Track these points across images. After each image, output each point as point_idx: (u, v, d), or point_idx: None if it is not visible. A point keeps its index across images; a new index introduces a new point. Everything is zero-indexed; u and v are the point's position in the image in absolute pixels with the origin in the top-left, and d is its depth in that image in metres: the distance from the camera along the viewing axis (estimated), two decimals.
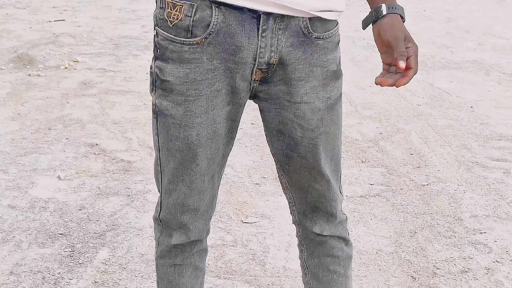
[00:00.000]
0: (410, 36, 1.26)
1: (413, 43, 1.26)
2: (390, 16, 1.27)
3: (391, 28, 1.25)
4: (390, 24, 1.26)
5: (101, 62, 4.86)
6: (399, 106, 3.97)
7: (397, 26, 1.26)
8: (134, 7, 7.40)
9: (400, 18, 1.27)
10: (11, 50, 5.07)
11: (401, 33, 1.25)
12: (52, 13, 6.75)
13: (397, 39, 1.24)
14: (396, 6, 1.27)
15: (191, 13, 1.19)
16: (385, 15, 1.27)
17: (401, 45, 1.23)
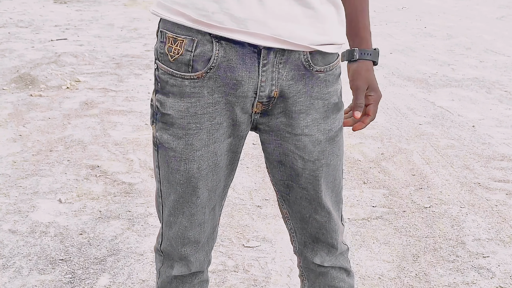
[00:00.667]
0: (374, 84, 1.37)
1: (376, 91, 1.37)
2: (360, 62, 1.37)
3: (357, 77, 1.36)
4: (357, 72, 1.36)
5: (102, 81, 4.87)
6: (401, 125, 3.97)
7: (363, 75, 1.35)
8: (136, 25, 7.43)
9: (371, 64, 1.38)
10: (13, 70, 5.08)
11: (365, 83, 1.35)
12: (54, 32, 6.77)
13: (359, 90, 1.35)
14: (368, 52, 1.35)
15: (192, 48, 1.19)
16: (356, 61, 1.36)
17: (360, 96, 1.35)
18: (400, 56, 6.09)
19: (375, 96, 1.36)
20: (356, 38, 1.37)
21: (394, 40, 6.87)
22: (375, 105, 1.36)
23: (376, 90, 1.37)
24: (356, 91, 1.35)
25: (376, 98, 1.36)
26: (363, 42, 1.38)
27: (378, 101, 1.37)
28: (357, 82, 1.35)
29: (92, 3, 9.13)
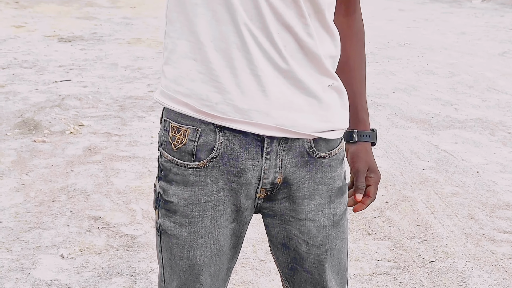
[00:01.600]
0: (374, 165, 1.39)
1: (376, 173, 1.39)
2: (359, 144, 1.40)
3: (357, 160, 1.38)
4: (357, 154, 1.38)
5: (106, 125, 4.88)
6: (405, 171, 3.96)
7: (363, 158, 1.38)
8: (140, 64, 7.47)
9: (370, 145, 1.41)
10: (17, 114, 5.10)
11: (365, 165, 1.38)
12: (58, 73, 6.81)
13: (359, 172, 1.37)
14: (367, 134, 1.37)
15: (195, 138, 1.19)
16: (355, 142, 1.39)
17: (361, 179, 1.37)
18: (403, 95, 6.11)
19: (375, 177, 1.37)
20: (355, 119, 1.38)
21: (397, 78, 6.89)
22: (375, 186, 1.37)
23: (376, 172, 1.38)
24: (357, 173, 1.36)
25: (376, 179, 1.38)
26: (361, 124, 1.39)
27: (378, 182, 1.38)
28: (357, 164, 1.36)
29: (97, 41, 9.20)
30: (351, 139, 1.39)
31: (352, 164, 1.38)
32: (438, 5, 16.39)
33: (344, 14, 1.34)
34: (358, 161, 1.37)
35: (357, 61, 1.38)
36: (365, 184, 1.36)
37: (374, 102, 5.80)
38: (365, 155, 1.37)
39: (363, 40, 1.40)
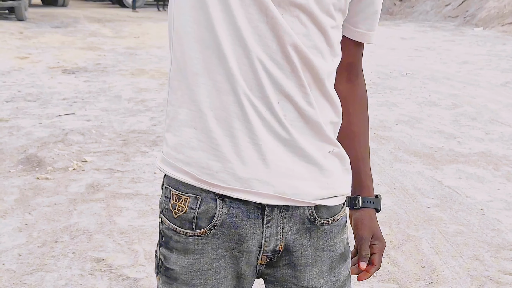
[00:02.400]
0: (379, 232, 1.37)
1: (381, 240, 1.37)
2: (363, 210, 1.38)
3: (361, 227, 1.36)
4: (361, 221, 1.37)
5: (109, 161, 4.89)
6: (409, 208, 3.94)
7: (367, 225, 1.36)
8: (143, 96, 7.51)
9: (374, 211, 1.39)
10: (21, 150, 5.11)
11: (369, 232, 1.36)
12: (62, 106, 6.84)
13: (363, 240, 1.35)
14: (371, 200, 1.37)
15: (196, 206, 1.18)
16: (359, 209, 1.37)
17: (365, 247, 1.34)
18: (406, 127, 6.11)
19: (380, 245, 1.35)
20: (358, 185, 1.37)
21: (399, 110, 6.91)
22: (380, 254, 1.35)
23: (381, 239, 1.36)
24: (361, 241, 1.34)
25: (381, 247, 1.36)
26: (365, 189, 1.38)
27: (383, 250, 1.36)
28: (361, 231, 1.35)
29: (100, 73, 9.26)
30: (354, 206, 1.38)
31: (356, 231, 1.36)
32: (440, 33, 16.50)
33: (347, 80, 1.34)
34: (362, 228, 1.35)
35: (361, 126, 1.38)
36: (370, 252, 1.34)
37: (377, 135, 5.80)
38: (370, 222, 1.36)
39: (366, 105, 1.40)
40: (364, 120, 1.39)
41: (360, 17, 1.29)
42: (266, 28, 1.14)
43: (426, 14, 20.64)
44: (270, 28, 1.14)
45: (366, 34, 1.31)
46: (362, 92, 1.39)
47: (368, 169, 1.39)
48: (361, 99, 1.38)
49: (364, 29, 1.30)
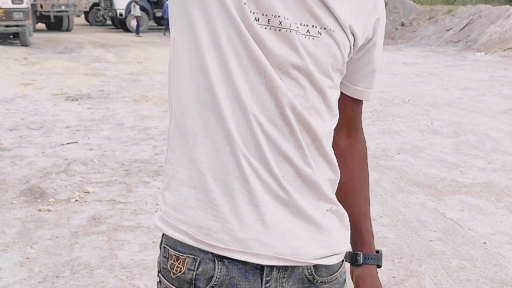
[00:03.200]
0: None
1: None
2: (364, 267, 1.38)
3: (362, 283, 1.36)
4: (362, 278, 1.37)
5: (111, 192, 4.89)
6: (411, 242, 3.92)
7: (368, 281, 1.36)
8: (146, 124, 7.53)
9: (375, 268, 1.38)
10: (23, 180, 5.12)
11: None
12: (65, 134, 6.87)
13: None
14: (372, 256, 1.37)
15: (194, 267, 1.19)
16: (360, 265, 1.37)
17: None
18: (408, 156, 6.11)
19: None
20: (359, 241, 1.37)
21: (401, 138, 6.91)
22: None
23: None
24: None
25: None
26: (366, 246, 1.38)
27: None
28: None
29: (103, 99, 9.31)
30: (355, 262, 1.37)
31: (357, 287, 1.36)
32: (442, 58, 16.58)
33: (346, 136, 1.35)
34: (363, 285, 1.35)
35: (361, 182, 1.38)
36: None
37: (379, 164, 5.80)
38: (371, 278, 1.36)
39: (366, 161, 1.40)
40: (364, 175, 1.40)
41: (359, 75, 1.30)
42: (265, 90, 1.15)
43: (428, 38, 20.76)
44: (269, 90, 1.15)
45: (365, 91, 1.32)
46: (362, 147, 1.39)
47: (369, 225, 1.39)
48: (360, 154, 1.39)
49: (363, 87, 1.32)
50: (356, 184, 1.37)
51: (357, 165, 1.38)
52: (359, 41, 1.24)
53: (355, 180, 1.37)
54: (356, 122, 1.37)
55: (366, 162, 1.41)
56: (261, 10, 1.14)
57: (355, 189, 1.37)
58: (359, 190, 1.38)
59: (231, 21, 1.13)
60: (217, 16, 1.14)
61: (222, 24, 1.14)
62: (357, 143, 1.38)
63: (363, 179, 1.39)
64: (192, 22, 1.16)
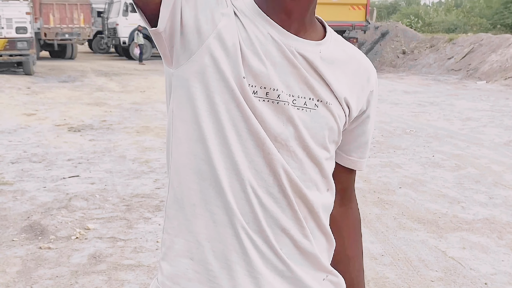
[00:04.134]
0: None
1: None
2: None
3: None
4: None
5: (112, 228, 4.89)
6: (413, 282, 3.90)
7: None
8: (148, 156, 7.55)
9: None
10: (24, 216, 5.12)
11: None
12: (66, 167, 6.88)
13: None
14: None
15: None
16: None
17: None
18: (409, 191, 6.11)
19: None
20: None
21: (403, 172, 6.91)
22: None
23: None
24: None
25: None
26: None
27: None
28: None
29: (106, 130, 9.35)
30: None
31: None
32: (443, 86, 16.65)
33: (340, 204, 1.37)
34: None
35: (355, 250, 1.40)
36: None
37: (381, 199, 5.80)
38: None
39: (359, 229, 1.42)
40: (357, 244, 1.41)
41: (353, 145, 1.32)
42: (263, 162, 1.17)
43: (429, 67, 20.87)
44: (267, 163, 1.17)
45: (358, 162, 1.34)
46: (356, 216, 1.41)
47: None
48: (354, 223, 1.40)
49: (357, 157, 1.34)
50: (349, 253, 1.39)
51: (350, 234, 1.39)
52: (353, 113, 1.26)
53: (349, 249, 1.38)
54: (349, 190, 1.39)
55: (359, 231, 1.42)
56: (260, 84, 1.16)
57: (349, 258, 1.38)
58: (353, 259, 1.39)
59: (231, 94, 1.15)
60: (217, 89, 1.16)
61: (221, 97, 1.16)
62: (351, 211, 1.39)
63: (357, 248, 1.40)
64: (191, 94, 1.18)
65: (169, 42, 1.16)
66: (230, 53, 1.15)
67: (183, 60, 1.17)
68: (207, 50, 1.15)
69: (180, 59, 1.17)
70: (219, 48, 1.15)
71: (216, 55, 1.15)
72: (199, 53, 1.15)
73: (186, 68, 1.17)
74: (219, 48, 1.15)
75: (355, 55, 1.28)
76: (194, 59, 1.16)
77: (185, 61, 1.17)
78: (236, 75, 1.15)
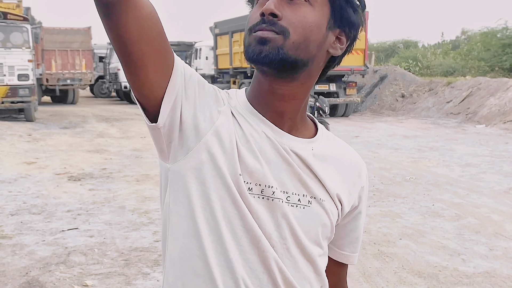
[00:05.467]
0: None
1: None
2: None
3: None
4: None
5: (110, 285, 4.86)
6: None
7: None
8: (147, 207, 7.55)
9: None
10: (23, 272, 5.10)
11: None
12: (66, 219, 6.87)
13: None
14: None
15: None
16: None
17: None
18: (410, 242, 6.08)
19: None
20: None
21: (403, 222, 6.89)
22: None
23: None
24: None
25: None
26: None
27: None
28: None
29: (106, 179, 9.36)
30: None
31: None
32: (443, 130, 16.72)
33: None
34: None
35: None
36: None
37: (381, 251, 5.77)
38: None
39: None
40: None
41: (345, 240, 1.34)
42: (257, 260, 1.18)
43: (428, 110, 20.99)
44: (261, 261, 1.18)
45: (351, 256, 1.35)
46: None
47: None
48: None
49: (349, 252, 1.35)
50: None
51: None
52: (345, 209, 1.28)
53: None
54: (341, 284, 1.39)
55: None
56: (255, 181, 1.19)
57: None
58: None
59: (227, 191, 1.17)
60: (213, 185, 1.18)
61: (217, 193, 1.18)
62: None
63: None
64: (187, 190, 1.20)
65: (168, 137, 1.19)
66: (227, 150, 1.18)
67: (181, 156, 1.19)
68: (204, 147, 1.18)
69: (178, 155, 1.20)
70: (217, 145, 1.18)
71: (214, 152, 1.17)
72: (196, 149, 1.18)
73: (183, 163, 1.19)
74: (216, 145, 1.18)
75: (346, 152, 1.31)
76: (192, 155, 1.18)
77: (182, 157, 1.19)
78: (232, 172, 1.17)
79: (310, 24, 1.16)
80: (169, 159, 1.21)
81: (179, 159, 1.19)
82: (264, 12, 1.14)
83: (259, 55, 1.14)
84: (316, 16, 1.17)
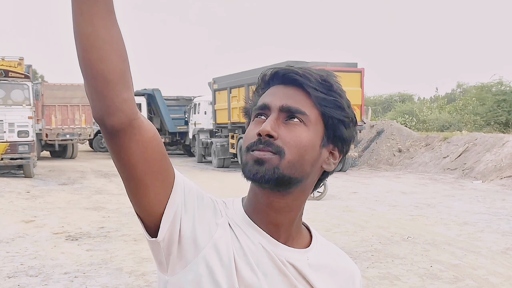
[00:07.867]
0: None
1: None
2: None
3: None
4: None
5: None
6: None
7: None
8: (144, 269, 7.52)
9: None
10: None
11: None
12: (63, 281, 6.85)
13: None
14: None
15: None
16: None
17: None
18: None
19: None
20: None
21: (401, 284, 6.88)
22: None
23: None
24: None
25: None
26: None
27: None
28: None
29: (103, 238, 9.34)
30: None
31: None
32: (440, 186, 16.76)
33: None
34: None
35: None
36: None
37: None
38: None
39: None
40: None
41: None
42: None
43: (425, 165, 21.09)
44: None
45: None
46: None
47: None
48: None
49: None
50: None
51: None
52: None
53: None
54: None
55: None
56: None
57: None
58: None
59: None
60: None
61: None
62: None
63: None
64: None
65: (167, 250, 1.23)
66: (224, 263, 1.22)
67: (179, 269, 1.23)
68: (202, 260, 1.21)
69: (176, 267, 1.24)
70: (215, 258, 1.22)
71: (212, 265, 1.21)
72: (195, 262, 1.22)
73: (181, 276, 1.23)
74: (214, 258, 1.22)
75: (340, 260, 1.37)
76: (190, 268, 1.22)
77: (181, 270, 1.23)
78: (230, 285, 1.22)
79: (305, 144, 1.23)
80: (167, 271, 1.25)
81: (178, 272, 1.23)
82: (261, 132, 1.21)
83: (256, 175, 1.21)
84: (310, 136, 1.24)
